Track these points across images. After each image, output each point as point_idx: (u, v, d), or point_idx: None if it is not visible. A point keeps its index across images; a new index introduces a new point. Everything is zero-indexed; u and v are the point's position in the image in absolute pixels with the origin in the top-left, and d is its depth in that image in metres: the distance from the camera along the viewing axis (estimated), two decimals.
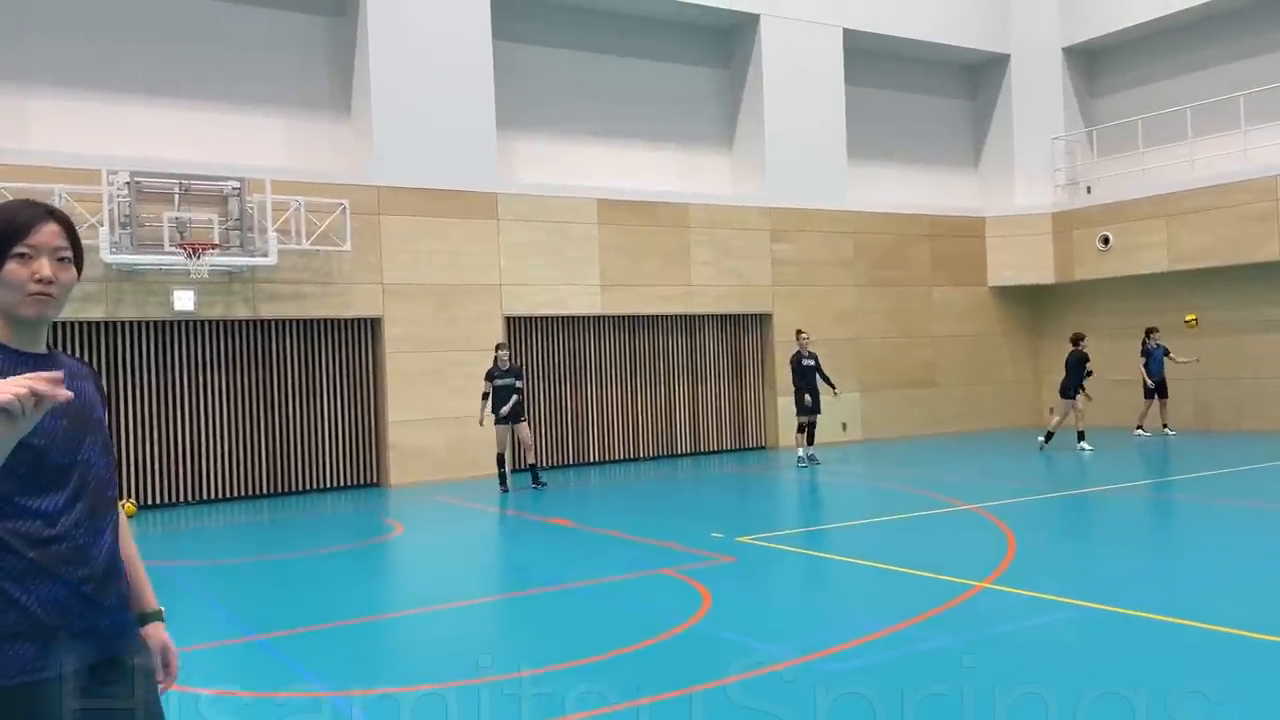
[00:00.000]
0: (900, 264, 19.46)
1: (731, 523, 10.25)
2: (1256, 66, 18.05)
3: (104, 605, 2.11)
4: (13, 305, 2.07)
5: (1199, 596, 6.68)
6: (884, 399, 19.13)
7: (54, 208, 2.16)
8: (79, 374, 2.20)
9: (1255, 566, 7.52)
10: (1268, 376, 17.54)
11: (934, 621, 6.18)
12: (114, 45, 13.67)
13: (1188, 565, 7.89)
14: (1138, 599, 6.49)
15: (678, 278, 17.01)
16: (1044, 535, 9.43)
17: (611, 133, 17.40)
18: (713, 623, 6.33)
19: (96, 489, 2.13)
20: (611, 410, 16.89)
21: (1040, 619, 6.23)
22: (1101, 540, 9.07)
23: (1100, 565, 7.86)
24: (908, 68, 20.60)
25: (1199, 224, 17.62)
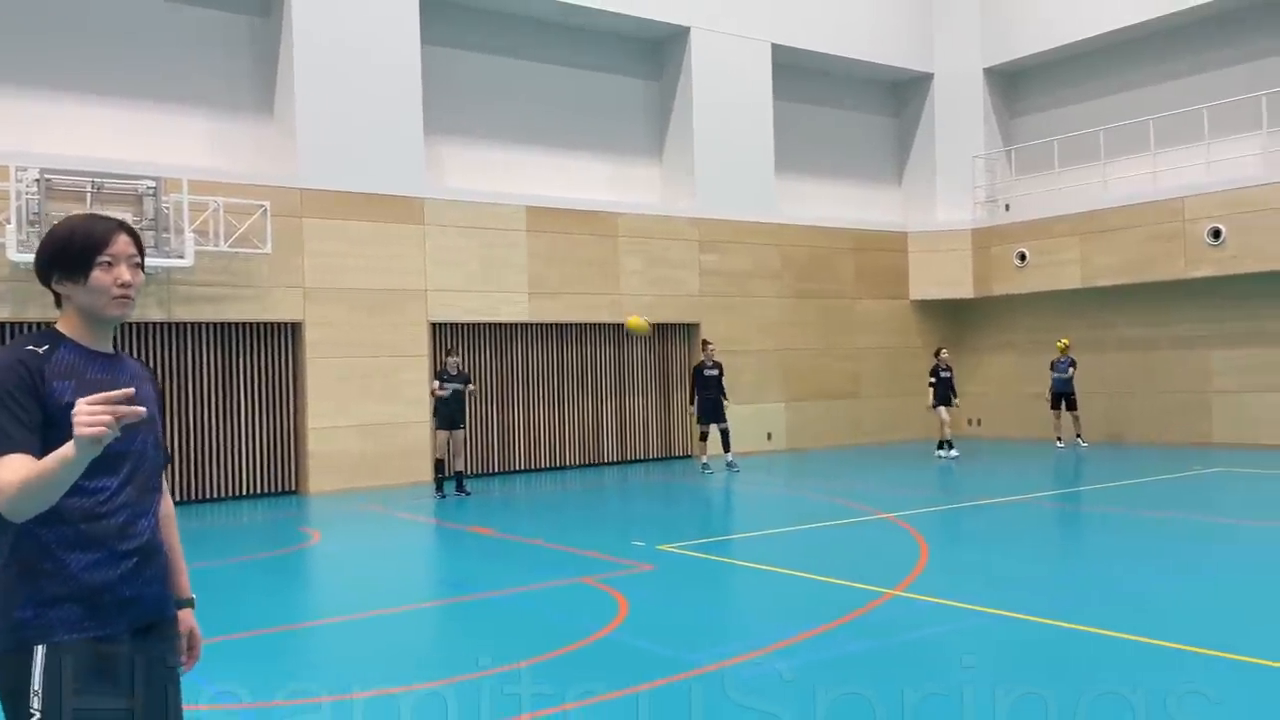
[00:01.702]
0: (826, 276, 19.77)
1: (653, 531, 10.29)
2: (1166, 92, 18.76)
3: (144, 576, 2.39)
4: (100, 308, 2.38)
5: (1101, 604, 6.89)
6: (808, 409, 19.39)
7: (123, 220, 2.49)
8: (140, 375, 2.51)
9: (1155, 575, 7.79)
10: (1175, 391, 18.20)
11: (847, 628, 6.28)
12: (27, 39, 13.24)
13: (1091, 573, 8.13)
14: (1043, 606, 6.68)
15: (607, 287, 17.04)
16: (955, 543, 9.65)
17: (542, 141, 17.38)
18: (628, 631, 6.34)
19: (145, 477, 2.42)
20: (538, 418, 16.83)
21: (949, 625, 6.36)
22: (1011, 549, 9.30)
23: (1009, 573, 8.06)
24: (835, 84, 20.97)
25: (1111, 242, 18.24)
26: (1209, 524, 10.09)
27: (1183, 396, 18.09)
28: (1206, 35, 18.33)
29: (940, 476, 14.94)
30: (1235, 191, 16.59)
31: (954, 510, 11.60)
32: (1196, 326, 17.88)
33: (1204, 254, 16.93)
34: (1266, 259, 16.21)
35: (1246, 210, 16.39)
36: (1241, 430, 17.27)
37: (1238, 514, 10.69)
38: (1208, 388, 17.78)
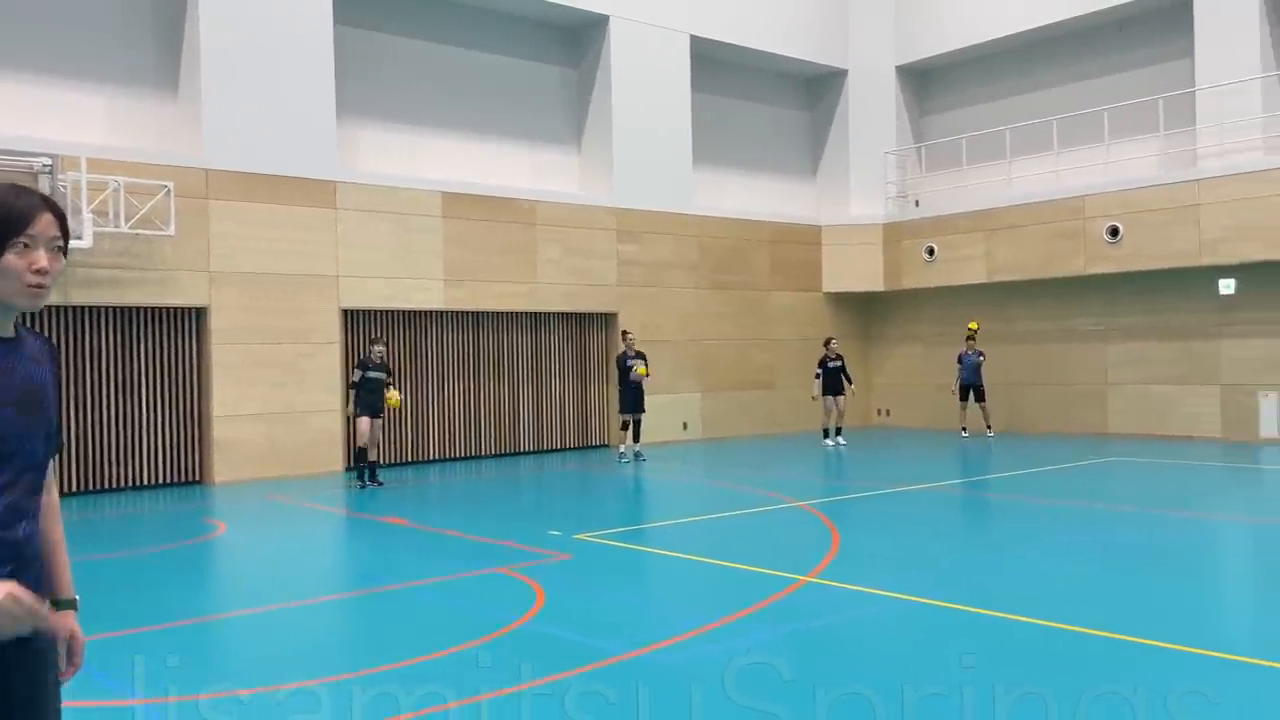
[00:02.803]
0: (742, 268, 19.97)
1: (570, 521, 10.27)
2: (1069, 94, 19.42)
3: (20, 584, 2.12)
4: (8, 295, 2.11)
5: (1006, 589, 7.12)
6: (724, 399, 19.58)
7: (46, 195, 2.21)
8: (39, 356, 2.24)
9: (1055, 561, 8.08)
10: (1075, 383, 18.90)
11: (760, 615, 6.36)
12: None
13: (996, 560, 8.40)
14: (951, 592, 6.87)
15: (523, 275, 16.92)
16: (866, 530, 9.86)
17: (458, 126, 17.15)
18: (545, 620, 6.32)
19: (31, 478, 2.18)
20: (453, 407, 16.64)
21: (860, 611, 6.50)
22: (919, 536, 9.55)
23: (917, 559, 8.27)
24: (752, 77, 21.16)
25: (1014, 239, 18.83)
26: (1106, 511, 10.50)
27: (1080, 388, 18.79)
28: (1107, 39, 19.02)
29: (852, 465, 15.24)
30: (1132, 192, 17.26)
31: (865, 498, 11.85)
32: (1094, 321, 18.59)
33: (1102, 252, 17.60)
34: (1159, 257, 16.92)
35: (1142, 210, 17.08)
36: (1135, 421, 18.02)
37: (1131, 502, 11.16)
38: (1104, 380, 18.50)
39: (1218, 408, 17.09)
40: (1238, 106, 16.54)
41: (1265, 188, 15.72)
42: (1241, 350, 16.81)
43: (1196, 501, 11.16)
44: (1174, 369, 17.58)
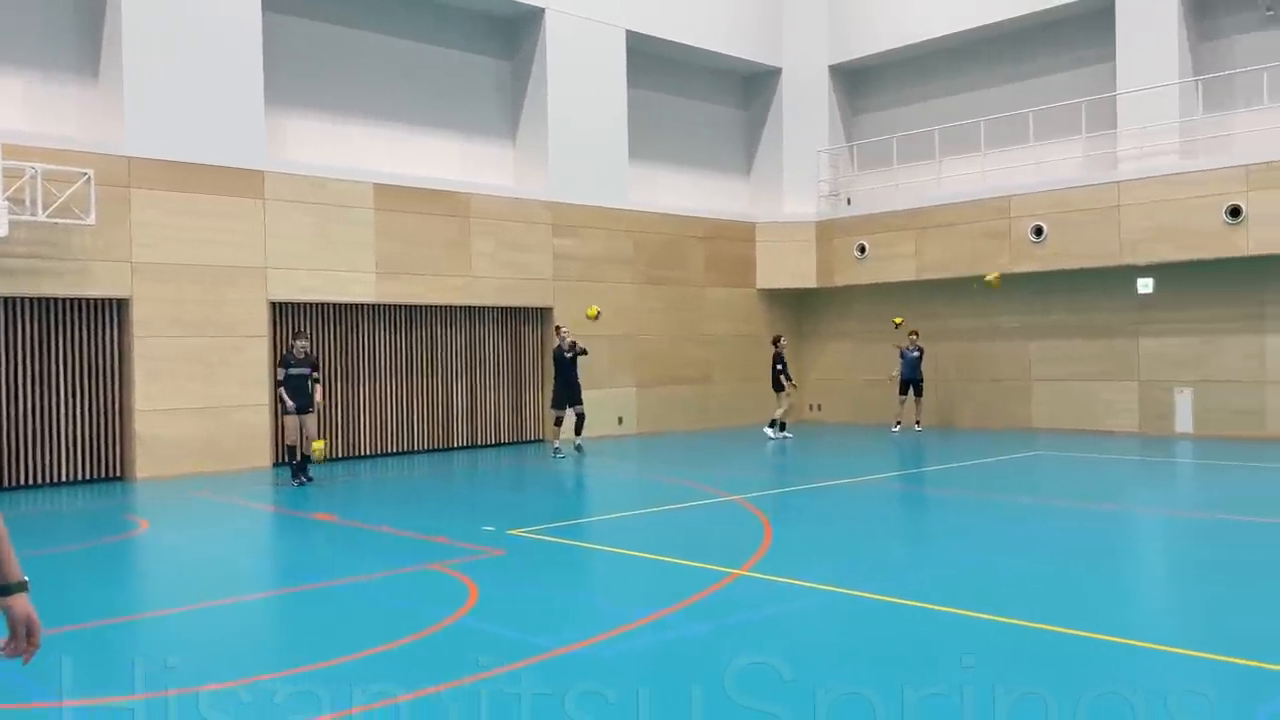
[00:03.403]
0: (677, 264, 20.04)
1: (504, 516, 10.22)
2: (996, 95, 19.85)
3: None
4: None
5: (933, 581, 7.27)
6: (659, 394, 19.64)
7: None
8: None
9: (985, 553, 8.26)
10: (1002, 379, 19.35)
11: (693, 608, 6.40)
12: None
13: (926, 552, 8.57)
14: (881, 584, 6.99)
15: (457, 268, 16.76)
16: (798, 524, 9.98)
17: (391, 117, 16.91)
18: (477, 616, 6.28)
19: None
20: (385, 402, 16.43)
21: (792, 604, 6.58)
22: (851, 529, 9.69)
23: (849, 552, 8.39)
24: (688, 74, 21.23)
25: (943, 238, 19.20)
26: (1030, 504, 10.78)
27: (1006, 384, 19.25)
28: (1033, 43, 19.48)
29: (785, 460, 15.41)
30: (1057, 192, 17.72)
31: (797, 492, 11.99)
32: (1019, 319, 19.06)
33: (1028, 251, 18.03)
34: (1082, 257, 17.40)
35: (1066, 210, 17.55)
36: (1058, 415, 18.53)
37: (1054, 495, 11.47)
38: (1028, 376, 18.98)
39: (1136, 403, 17.65)
40: (1156, 111, 17.08)
41: (1181, 190, 16.26)
42: (1158, 348, 17.39)
43: (1116, 494, 11.51)
44: (1095, 365, 18.11)
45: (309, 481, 12.78)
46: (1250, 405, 16.43)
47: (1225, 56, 17.20)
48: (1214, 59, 17.28)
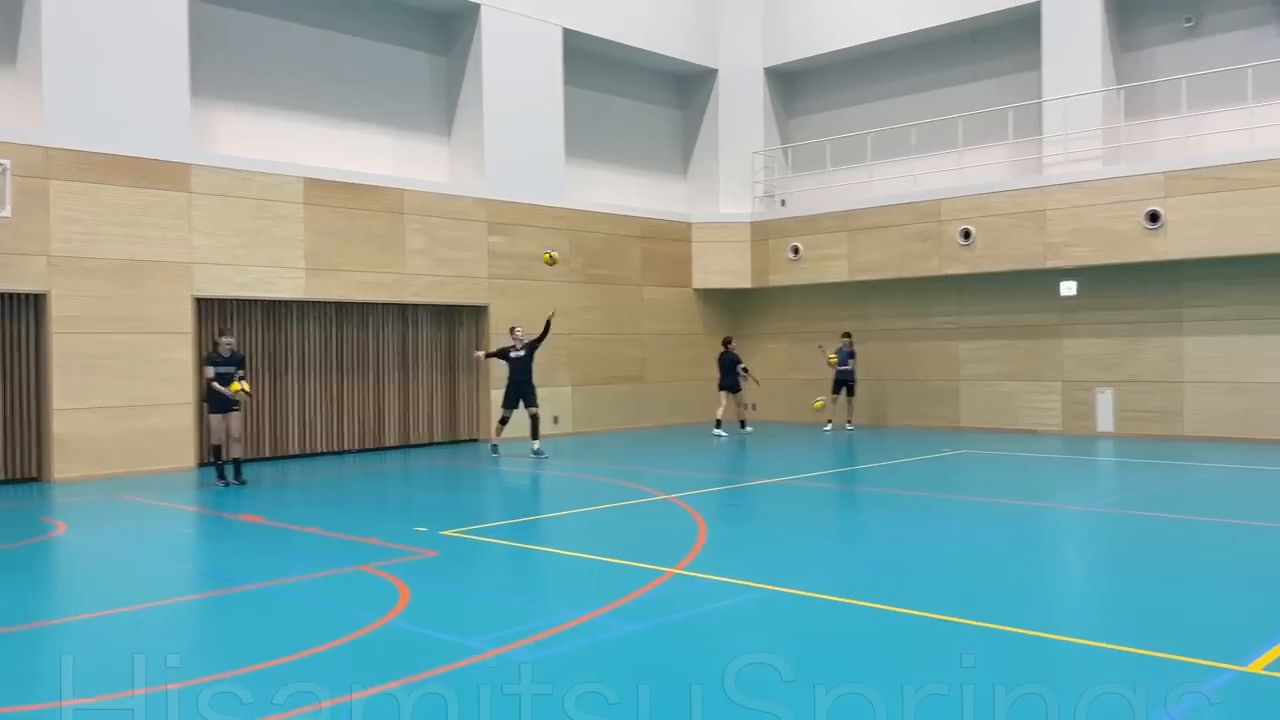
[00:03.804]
0: (613, 263, 20.03)
1: (437, 516, 10.10)
2: (926, 101, 20.22)
3: None
4: None
5: (868, 578, 7.37)
6: (595, 393, 19.61)
7: None
8: None
9: (913, 550, 8.40)
10: (930, 379, 19.72)
11: (627, 608, 6.40)
12: None
13: (857, 549, 8.68)
14: (813, 581, 7.06)
15: (390, 265, 16.54)
16: (732, 522, 10.04)
17: (322, 110, 16.62)
18: (409, 618, 6.20)
19: None
20: (315, 400, 16.14)
21: (725, 601, 6.61)
22: (784, 526, 9.79)
23: (782, 550, 8.47)
24: (625, 73, 21.24)
25: (875, 240, 19.50)
26: (958, 501, 10.99)
27: (935, 384, 19.62)
28: (962, 50, 19.87)
29: (719, 459, 15.50)
30: (983, 196, 18.11)
31: (732, 491, 12.06)
32: (948, 320, 19.44)
33: (956, 253, 18.40)
34: (1008, 259, 17.80)
35: (992, 214, 17.94)
36: (984, 415, 18.94)
37: (981, 493, 11.71)
38: (957, 376, 19.36)
39: (1059, 403, 18.12)
40: (1080, 118, 17.55)
41: (1103, 196, 16.73)
42: (1081, 349, 17.87)
43: (1038, 492, 11.79)
44: (1020, 366, 18.55)
45: (240, 483, 12.48)
46: (1168, 405, 16.98)
47: (1146, 66, 17.74)
48: (1136, 68, 17.82)
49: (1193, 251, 15.90)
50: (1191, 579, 7.21)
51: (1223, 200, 15.54)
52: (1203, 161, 15.86)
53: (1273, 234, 15.11)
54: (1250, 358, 16.16)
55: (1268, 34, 16.53)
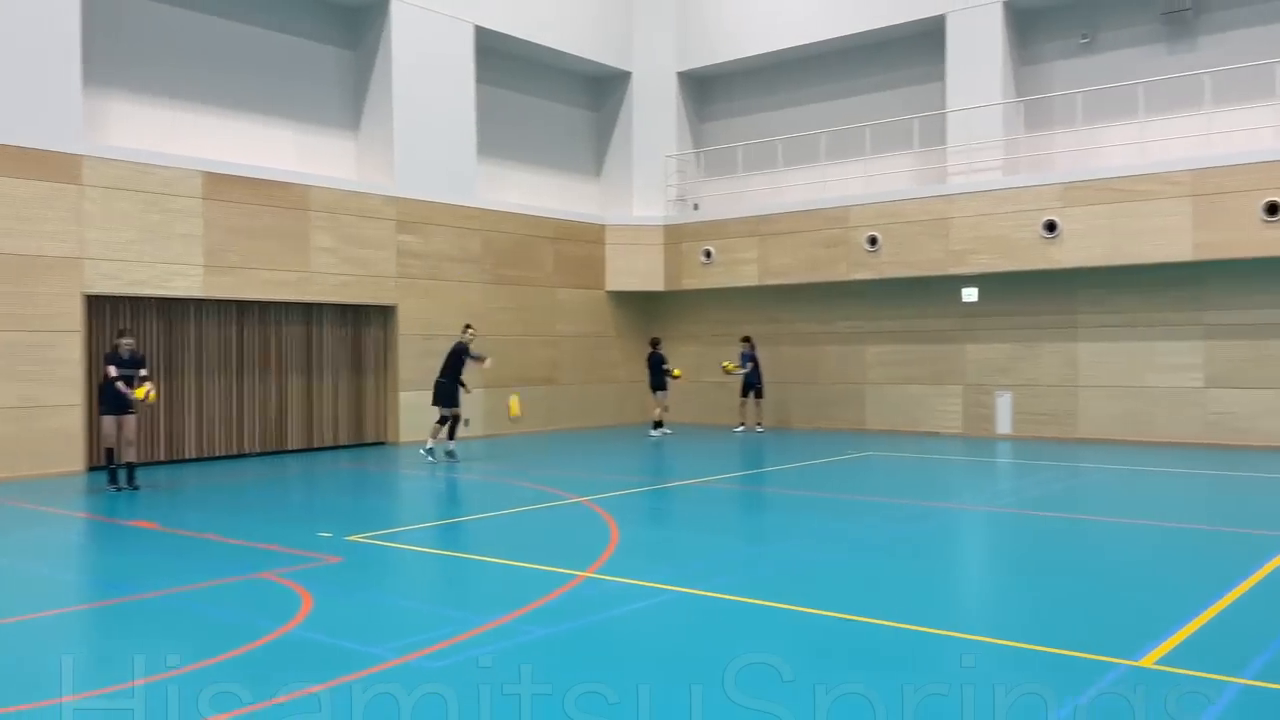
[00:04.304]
0: (526, 264, 19.87)
1: (342, 521, 9.84)
2: (835, 109, 20.57)
3: None
4: None
5: (777, 579, 7.42)
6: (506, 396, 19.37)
7: None
8: None
9: (819, 550, 8.50)
10: (836, 382, 20.05)
11: (538, 612, 6.31)
12: None
13: (765, 550, 8.74)
14: (722, 583, 7.08)
15: (294, 263, 16.10)
16: (644, 525, 10.02)
17: (224, 103, 16.09)
18: (311, 627, 6.00)
19: None
20: (214, 402, 15.60)
21: (637, 604, 6.57)
22: (696, 528, 9.81)
23: (693, 551, 8.48)
24: (539, 73, 21.10)
25: (785, 245, 19.76)
26: (864, 502, 11.18)
27: (842, 387, 19.97)
28: (871, 60, 20.29)
29: (631, 461, 15.49)
30: (889, 204, 18.51)
31: (643, 493, 12.05)
32: (855, 324, 19.81)
33: (863, 259, 18.76)
34: (912, 266, 18.23)
35: (898, 221, 18.34)
36: (889, 418, 19.35)
37: (886, 493, 11.93)
38: (863, 379, 19.74)
39: (961, 406, 18.62)
40: (981, 129, 18.08)
41: (1003, 205, 17.25)
42: (981, 354, 18.40)
43: (939, 493, 12.07)
44: (924, 370, 19.01)
45: (134, 488, 11.97)
46: (1063, 408, 17.59)
47: (1045, 80, 18.37)
48: (1035, 82, 18.43)
49: (1087, 260, 16.50)
50: (1085, 577, 7.45)
51: (1115, 211, 16.17)
52: (1097, 173, 16.48)
53: (1162, 244, 15.79)
54: (1140, 363, 16.84)
55: (1158, 52, 17.28)
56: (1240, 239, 15.15)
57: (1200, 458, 14.69)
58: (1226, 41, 16.63)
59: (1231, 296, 16.02)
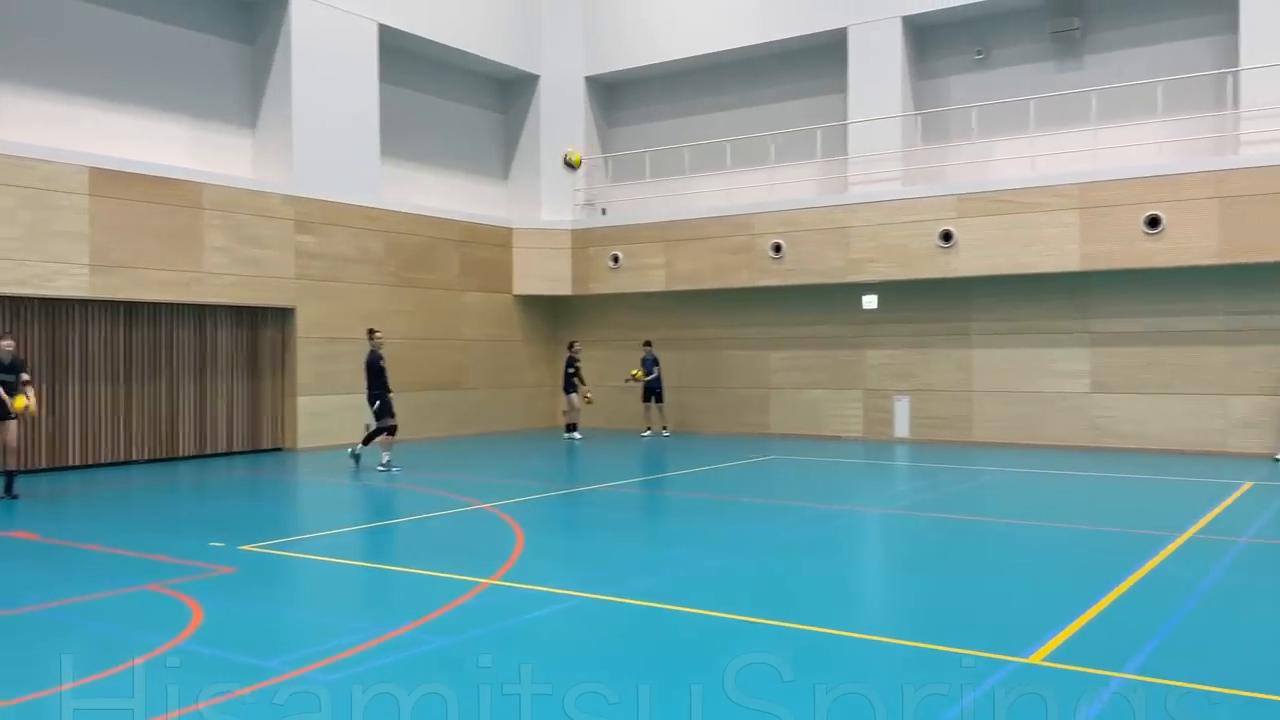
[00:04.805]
0: (431, 266, 19.58)
1: (236, 530, 9.52)
2: (742, 117, 20.83)
3: None
4: None
5: (676, 583, 7.44)
6: (410, 400, 19.03)
7: None
8: None
9: (723, 554, 8.56)
10: (742, 386, 20.28)
11: (439, 621, 6.20)
12: None
13: (669, 554, 8.76)
14: (629, 587, 7.07)
15: (187, 263, 15.54)
16: (549, 531, 9.95)
17: (113, 96, 15.47)
18: (201, 640, 5.78)
19: None
20: (99, 407, 14.95)
21: (541, 611, 6.51)
22: (601, 533, 9.78)
23: (596, 557, 8.45)
24: (445, 74, 20.84)
25: (691, 251, 19.91)
26: (766, 505, 11.31)
27: (747, 392, 20.21)
28: (775, 70, 20.61)
29: (538, 466, 15.38)
30: (793, 212, 18.81)
31: (549, 499, 11.97)
32: (760, 330, 20.07)
33: (768, 266, 19.02)
34: (816, 273, 18.56)
35: (801, 229, 18.66)
36: (792, 422, 19.66)
37: (787, 496, 12.10)
38: (767, 384, 20.01)
39: (861, 410, 19.03)
40: (881, 141, 18.52)
41: (901, 215, 17.70)
42: (881, 359, 18.83)
43: (839, 496, 12.31)
44: (826, 375, 19.37)
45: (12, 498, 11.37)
46: (958, 412, 18.13)
47: (942, 94, 18.93)
48: (932, 96, 18.98)
49: (980, 269, 17.04)
50: (979, 577, 7.67)
51: (1007, 222, 16.74)
52: (990, 186, 17.05)
53: (1051, 255, 16.40)
54: (1031, 369, 17.46)
55: (1048, 69, 17.97)
56: (1123, 250, 15.84)
57: (1087, 461, 15.30)
58: (1111, 61, 17.40)
59: (1115, 305, 16.74)
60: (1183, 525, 9.45)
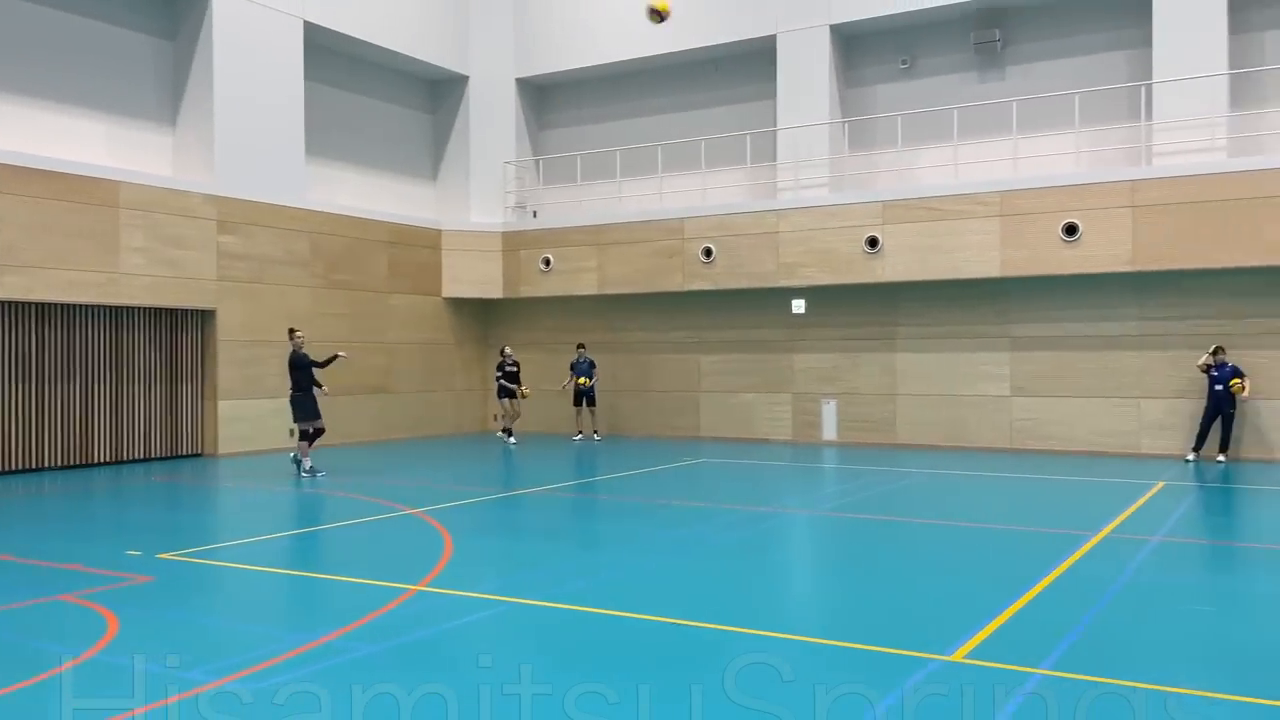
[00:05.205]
0: (358, 268, 19.29)
1: (153, 538, 9.25)
2: (673, 121, 20.93)
3: None
4: None
5: (607, 587, 7.43)
6: (337, 403, 18.71)
7: None
8: None
9: (653, 557, 8.58)
10: (673, 390, 20.36)
11: (365, 629, 6.10)
12: None
13: (599, 558, 8.76)
14: (556, 592, 7.03)
15: (101, 263, 15.06)
16: (479, 536, 9.86)
17: (24, 90, 14.93)
18: (116, 651, 5.60)
19: None
20: (9, 412, 14.40)
21: (469, 617, 6.45)
22: (530, 538, 9.73)
23: (526, 562, 8.40)
24: (372, 73, 20.56)
25: (623, 255, 19.94)
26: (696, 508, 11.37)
27: (678, 395, 20.30)
28: (706, 75, 20.76)
29: (467, 471, 15.24)
30: (724, 217, 18.96)
31: (478, 503, 11.87)
32: (690, 334, 20.18)
33: (698, 270, 19.14)
34: (745, 277, 18.73)
35: (731, 234, 18.82)
36: (723, 425, 19.80)
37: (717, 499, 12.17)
38: (698, 388, 20.13)
39: (790, 413, 19.25)
40: (809, 147, 18.78)
41: (829, 220, 17.96)
42: (809, 363, 19.08)
43: (768, 498, 12.42)
44: (756, 378, 19.55)
45: None
46: (883, 415, 18.44)
47: (868, 102, 19.26)
48: (859, 103, 19.29)
49: (905, 275, 17.38)
50: (903, 576, 7.81)
51: (931, 229, 17.09)
52: (915, 193, 17.40)
53: (973, 261, 16.79)
54: (954, 373, 17.85)
55: (971, 79, 18.40)
56: (1042, 257, 16.29)
57: (1008, 462, 15.69)
58: (1032, 72, 17.90)
59: (1034, 311, 17.20)
60: (1098, 525, 9.74)
